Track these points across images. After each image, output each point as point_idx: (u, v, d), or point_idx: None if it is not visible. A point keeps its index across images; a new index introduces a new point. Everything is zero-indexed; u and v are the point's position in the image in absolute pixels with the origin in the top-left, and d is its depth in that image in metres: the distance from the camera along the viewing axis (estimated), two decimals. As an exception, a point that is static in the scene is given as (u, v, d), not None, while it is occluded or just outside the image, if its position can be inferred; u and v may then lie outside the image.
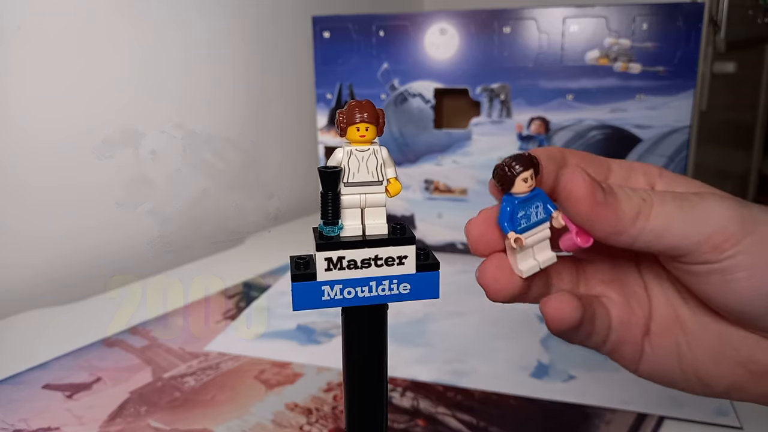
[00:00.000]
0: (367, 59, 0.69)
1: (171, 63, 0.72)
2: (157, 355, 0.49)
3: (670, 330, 0.25)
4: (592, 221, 0.22)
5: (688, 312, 0.25)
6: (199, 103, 0.77)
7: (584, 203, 0.22)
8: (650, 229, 0.22)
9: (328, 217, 0.23)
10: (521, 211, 0.23)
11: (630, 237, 0.22)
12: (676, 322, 0.25)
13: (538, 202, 0.23)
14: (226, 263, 0.72)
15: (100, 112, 0.65)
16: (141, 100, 0.69)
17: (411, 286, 0.24)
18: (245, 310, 0.58)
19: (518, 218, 0.23)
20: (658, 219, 0.22)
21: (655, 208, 0.22)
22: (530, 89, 0.65)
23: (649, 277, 0.27)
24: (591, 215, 0.22)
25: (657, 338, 0.25)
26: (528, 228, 0.23)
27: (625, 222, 0.22)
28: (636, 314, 0.26)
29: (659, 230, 0.22)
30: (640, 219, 0.22)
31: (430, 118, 0.69)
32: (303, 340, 0.51)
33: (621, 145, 0.64)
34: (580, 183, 0.22)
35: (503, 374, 0.46)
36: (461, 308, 0.57)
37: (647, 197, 0.23)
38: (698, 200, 0.23)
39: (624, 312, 0.26)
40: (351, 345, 0.25)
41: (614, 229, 0.22)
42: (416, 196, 0.71)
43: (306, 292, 0.23)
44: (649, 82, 0.62)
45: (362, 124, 0.23)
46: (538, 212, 0.23)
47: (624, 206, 0.22)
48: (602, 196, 0.22)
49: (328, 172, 0.23)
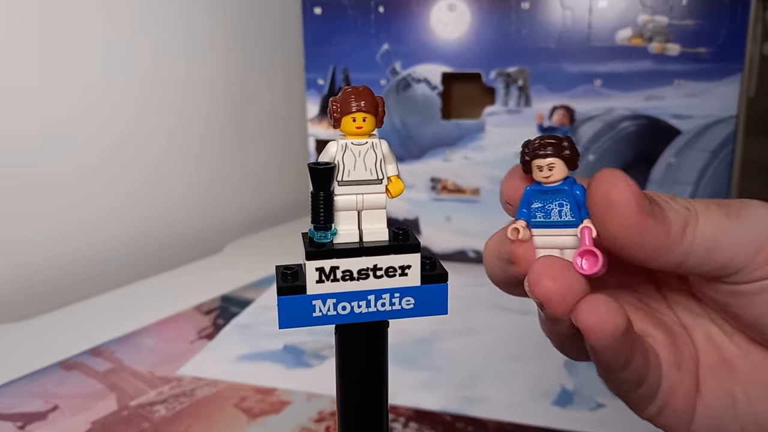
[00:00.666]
0: (365, 39, 0.69)
1: (139, 45, 0.72)
2: (123, 380, 0.49)
3: (719, 376, 0.24)
4: (637, 236, 0.21)
5: (735, 349, 0.24)
6: (171, 89, 0.77)
7: (630, 212, 0.20)
8: (700, 244, 0.21)
9: (320, 220, 0.23)
10: (537, 201, 0.23)
11: (679, 255, 0.21)
12: (724, 365, 0.24)
13: (563, 200, 0.22)
14: (203, 273, 0.72)
15: (60, 104, 0.65)
16: (105, 86, 0.69)
17: (415, 300, 0.24)
18: (224, 327, 0.58)
19: (533, 209, 0.23)
20: (706, 231, 0.21)
21: (701, 219, 0.21)
22: (552, 74, 0.65)
23: (682, 312, 0.25)
24: (637, 228, 0.20)
25: (707, 387, 0.24)
26: (544, 226, 0.23)
27: (675, 235, 0.21)
28: (685, 357, 0.24)
29: (710, 244, 0.21)
30: (688, 232, 0.21)
31: (437, 107, 0.69)
32: (291, 363, 0.51)
33: (657, 138, 0.64)
34: (623, 187, 0.20)
35: (521, 402, 0.45)
36: (473, 325, 0.57)
37: (690, 206, 0.22)
38: (741, 206, 0.22)
39: (672, 354, 0.24)
40: (346, 368, 0.25)
41: (664, 246, 0.21)
42: (421, 196, 0.72)
43: (294, 308, 0.23)
44: (689, 66, 0.62)
45: (359, 114, 0.23)
46: (564, 213, 0.22)
47: (671, 216, 0.21)
48: (649, 205, 0.21)
49: (319, 169, 0.23)
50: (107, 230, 0.71)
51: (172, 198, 0.79)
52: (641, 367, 0.23)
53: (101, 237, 0.70)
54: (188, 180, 0.81)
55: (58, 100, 0.65)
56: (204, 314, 0.61)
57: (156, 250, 0.76)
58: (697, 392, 0.24)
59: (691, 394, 0.24)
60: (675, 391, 0.24)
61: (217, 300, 0.64)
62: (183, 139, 0.79)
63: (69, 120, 0.66)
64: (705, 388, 0.24)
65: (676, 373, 0.24)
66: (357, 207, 0.24)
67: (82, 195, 0.68)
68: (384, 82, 0.70)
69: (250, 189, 0.91)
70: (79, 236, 0.68)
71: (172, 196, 0.79)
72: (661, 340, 0.24)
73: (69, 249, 0.68)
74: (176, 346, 0.54)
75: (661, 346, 0.24)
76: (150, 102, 0.74)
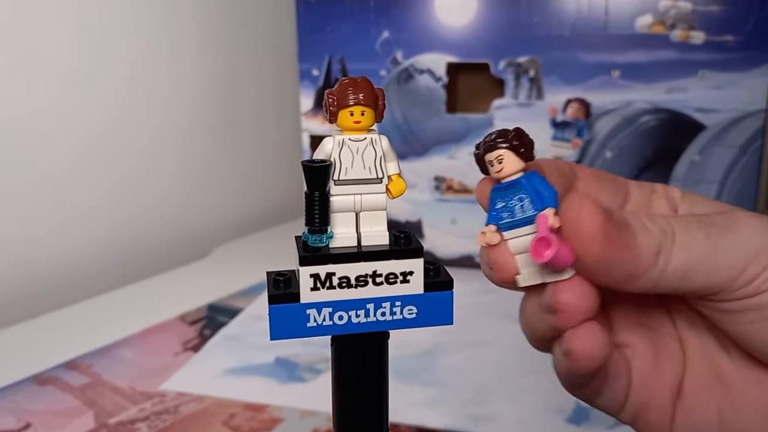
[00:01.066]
0: (364, 26, 0.69)
1: (118, 33, 0.72)
2: (101, 396, 0.49)
3: (708, 390, 0.25)
4: (603, 264, 0.22)
5: (731, 366, 0.25)
6: (152, 81, 0.77)
7: (594, 243, 0.21)
8: (674, 270, 0.22)
9: (315, 223, 0.23)
10: (500, 201, 0.23)
11: (649, 281, 0.22)
12: (716, 379, 0.25)
13: (522, 193, 0.23)
14: (187, 280, 0.72)
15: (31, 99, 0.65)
16: (79, 77, 0.69)
17: (418, 309, 0.24)
18: (211, 339, 0.58)
19: (498, 210, 0.23)
20: (681, 255, 0.22)
21: (678, 241, 0.22)
22: (566, 64, 0.65)
23: (681, 321, 0.26)
24: (602, 257, 0.22)
25: (691, 400, 0.25)
26: (513, 226, 0.23)
27: (643, 263, 0.22)
28: (665, 371, 0.26)
29: (684, 269, 0.22)
30: (661, 258, 0.22)
31: (442, 100, 0.69)
32: (283, 377, 0.51)
33: (680, 133, 0.65)
34: (586, 217, 0.21)
35: (533, 419, 0.45)
36: (480, 337, 0.57)
37: (668, 228, 0.22)
38: (726, 222, 0.23)
39: (649, 367, 0.25)
40: (343, 383, 0.25)
41: (631, 274, 0.22)
42: (424, 197, 0.72)
43: (287, 317, 0.23)
44: (714, 55, 0.62)
45: (357, 108, 0.24)
46: (525, 207, 0.23)
47: (642, 242, 0.22)
48: (616, 232, 0.22)
49: (314, 167, 0.23)
50: (84, 233, 0.71)
51: (153, 198, 0.79)
52: (597, 385, 0.24)
53: (77, 241, 0.70)
54: (171, 179, 0.81)
55: (28, 94, 0.65)
56: (189, 324, 0.61)
57: (137, 255, 0.76)
58: (679, 403, 0.25)
59: (666, 408, 0.25)
60: (647, 405, 0.25)
61: (203, 309, 0.64)
62: (165, 134, 0.79)
63: (39, 116, 0.66)
64: (690, 400, 0.25)
65: (650, 387, 0.25)
66: (355, 208, 0.24)
67: (55, 195, 0.68)
68: (384, 72, 0.70)
69: (238, 189, 0.91)
70: (52, 240, 0.68)
71: (153, 197, 0.79)
72: (641, 352, 0.26)
73: (42, 254, 0.68)
74: (159, 359, 0.54)
75: (639, 357, 0.25)
76: (129, 95, 0.74)
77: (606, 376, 0.24)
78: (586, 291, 0.22)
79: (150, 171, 0.78)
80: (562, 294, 0.22)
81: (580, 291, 0.22)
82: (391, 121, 0.71)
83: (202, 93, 0.84)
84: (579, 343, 0.22)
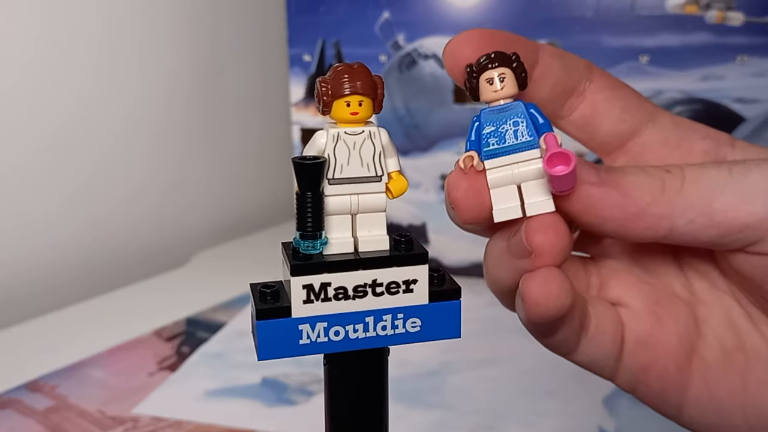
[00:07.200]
0: (361, 6, 0.70)
1: (82, 14, 0.72)
2: (67, 420, 0.49)
3: (730, 360, 0.25)
4: (588, 208, 0.22)
5: (757, 338, 0.25)
6: (122, 67, 0.77)
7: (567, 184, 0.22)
8: (689, 206, 0.22)
9: (307, 227, 0.23)
10: (489, 125, 0.23)
11: (655, 222, 0.22)
12: (740, 349, 0.25)
13: (518, 117, 0.23)
14: (163, 291, 0.72)
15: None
16: (39, 62, 0.69)
17: (422, 321, 0.24)
18: (190, 357, 0.58)
19: (484, 136, 0.23)
20: (696, 190, 0.22)
21: (688, 176, 0.22)
22: (589, 48, 0.66)
23: (698, 280, 0.26)
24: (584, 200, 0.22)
25: (711, 370, 0.25)
26: (499, 154, 0.23)
27: (641, 203, 0.22)
28: (668, 333, 0.26)
29: (704, 208, 0.22)
30: (666, 195, 0.22)
31: (449, 89, 0.70)
32: (271, 400, 0.51)
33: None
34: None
35: (552, 447, 0.46)
36: (492, 354, 0.57)
37: (673, 169, 0.23)
38: (751, 163, 0.23)
39: (646, 327, 0.25)
40: (337, 406, 0.25)
41: (626, 214, 0.22)
42: (429, 197, 0.72)
43: (277, 334, 0.23)
44: (755, 39, 0.62)
45: (353, 97, 0.24)
46: (520, 133, 0.23)
47: (631, 180, 0.22)
48: (595, 174, 0.22)
49: (306, 164, 0.23)
50: (45, 240, 0.71)
51: (125, 200, 0.79)
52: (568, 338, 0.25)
53: (38, 248, 0.70)
54: (144, 178, 0.81)
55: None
56: (165, 341, 0.61)
57: (106, 263, 0.76)
58: (696, 374, 0.25)
59: (672, 376, 0.25)
60: (647, 370, 0.25)
61: (181, 323, 0.64)
62: (137, 128, 0.80)
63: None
64: (711, 373, 0.25)
65: (650, 350, 0.25)
66: (351, 210, 0.24)
67: (11, 198, 0.68)
68: (384, 58, 0.70)
69: (220, 189, 0.91)
70: (9, 248, 0.68)
71: (125, 198, 0.79)
72: (637, 310, 0.26)
73: (4, 261, 0.68)
74: (131, 379, 0.54)
75: (634, 316, 0.26)
76: (96, 83, 0.74)
77: (582, 328, 0.25)
78: (563, 230, 0.23)
79: (120, 169, 0.78)
80: (536, 235, 0.22)
81: (556, 230, 0.22)
82: (392, 113, 0.71)
83: (179, 81, 0.84)
84: (533, 288, 0.23)
